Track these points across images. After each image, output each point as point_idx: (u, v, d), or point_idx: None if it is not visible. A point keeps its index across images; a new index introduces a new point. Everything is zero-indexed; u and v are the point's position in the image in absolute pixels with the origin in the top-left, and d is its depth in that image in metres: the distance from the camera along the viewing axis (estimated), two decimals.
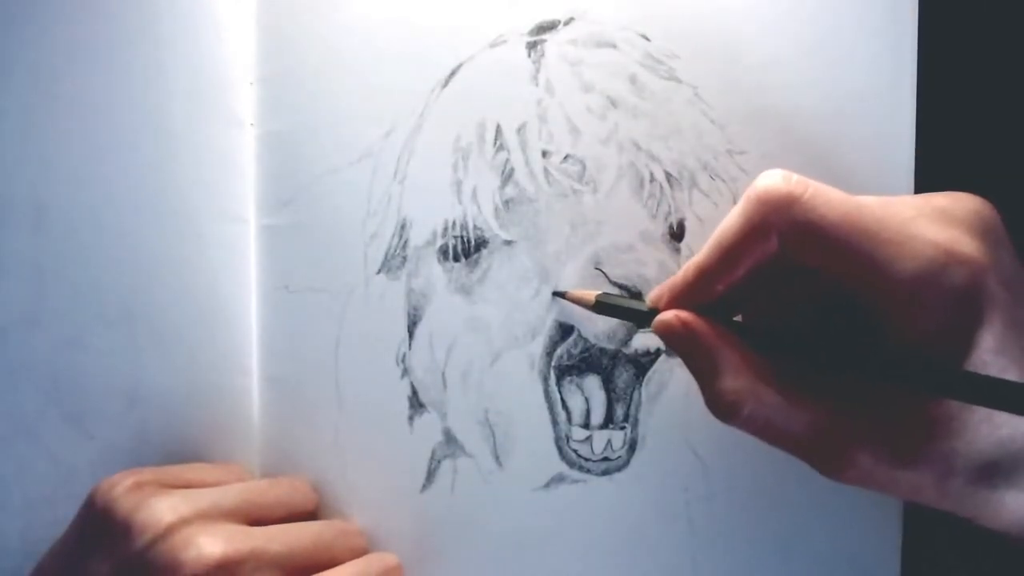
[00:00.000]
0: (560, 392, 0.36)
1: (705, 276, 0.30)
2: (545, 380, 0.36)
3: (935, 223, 0.28)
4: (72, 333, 0.37)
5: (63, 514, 0.34)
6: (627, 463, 0.36)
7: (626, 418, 0.36)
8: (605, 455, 0.36)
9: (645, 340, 0.35)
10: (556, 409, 0.36)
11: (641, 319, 0.32)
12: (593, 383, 0.36)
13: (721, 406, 0.29)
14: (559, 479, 0.36)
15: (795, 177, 0.29)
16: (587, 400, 0.36)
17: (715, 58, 0.35)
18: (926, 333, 0.27)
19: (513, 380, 0.36)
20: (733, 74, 0.35)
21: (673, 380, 0.35)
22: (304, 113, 0.36)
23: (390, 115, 0.36)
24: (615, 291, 0.35)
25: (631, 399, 0.36)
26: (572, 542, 0.36)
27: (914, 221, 0.28)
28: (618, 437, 0.36)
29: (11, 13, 0.37)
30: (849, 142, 0.35)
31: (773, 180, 0.29)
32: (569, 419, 0.36)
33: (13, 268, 0.37)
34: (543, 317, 0.35)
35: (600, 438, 0.36)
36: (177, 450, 0.37)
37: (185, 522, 0.32)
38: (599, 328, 0.35)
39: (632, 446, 0.36)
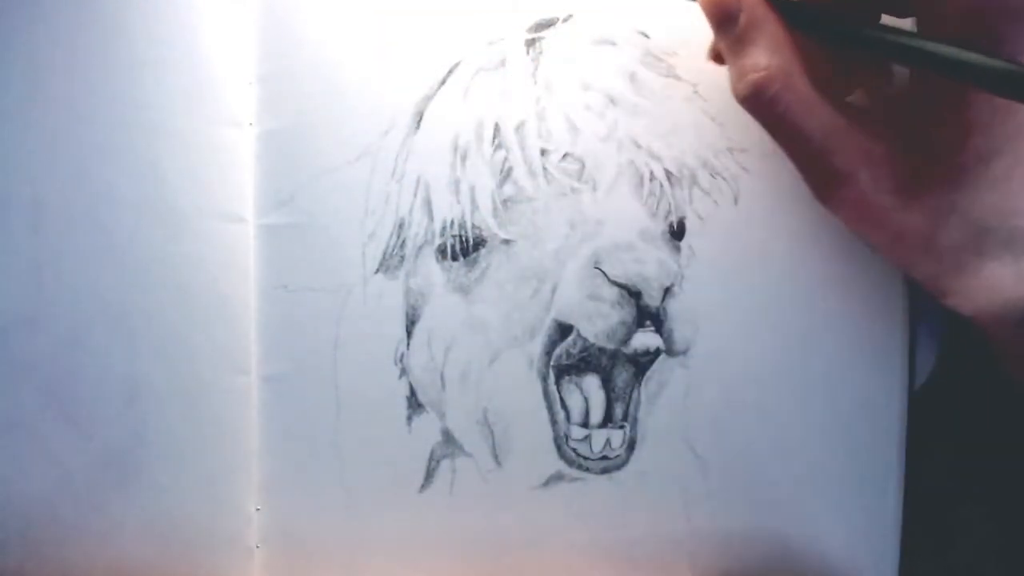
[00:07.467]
0: (559, 391, 0.36)
1: None
2: (544, 379, 0.36)
3: None
4: (71, 333, 0.37)
5: (63, 514, 0.34)
6: (626, 462, 0.36)
7: (625, 417, 0.36)
8: (604, 454, 0.36)
9: (644, 340, 0.35)
10: (555, 408, 0.36)
11: None
12: (592, 382, 0.35)
13: (752, 81, 0.28)
14: (558, 478, 0.36)
15: None
16: (586, 399, 0.36)
17: None
18: (956, 24, 0.25)
19: (512, 379, 0.36)
20: None
21: (673, 380, 0.35)
22: (303, 112, 0.36)
23: (388, 114, 0.36)
24: (614, 291, 0.35)
25: (630, 398, 0.35)
26: (571, 541, 0.36)
27: None
28: (617, 436, 0.36)
29: (9, 12, 0.36)
30: None
31: None
32: (568, 418, 0.36)
33: (12, 268, 0.37)
34: (542, 316, 0.35)
35: (599, 437, 0.36)
36: (176, 449, 0.37)
37: None
38: (598, 327, 0.35)
39: (631, 445, 0.36)
